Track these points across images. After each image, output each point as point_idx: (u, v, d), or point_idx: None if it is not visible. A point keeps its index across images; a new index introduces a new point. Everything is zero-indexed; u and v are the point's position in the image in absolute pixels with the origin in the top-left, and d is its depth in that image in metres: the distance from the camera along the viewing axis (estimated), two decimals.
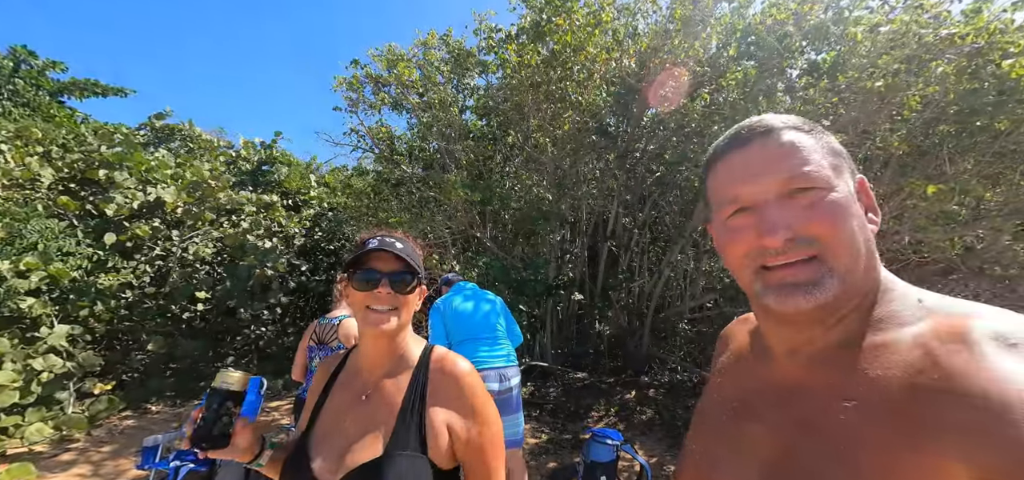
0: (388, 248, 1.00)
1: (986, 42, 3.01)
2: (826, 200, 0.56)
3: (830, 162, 0.58)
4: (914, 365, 0.50)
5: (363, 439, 0.97)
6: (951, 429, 0.45)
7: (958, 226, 3.74)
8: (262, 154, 8.58)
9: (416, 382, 1.04)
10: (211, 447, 0.88)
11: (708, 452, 0.70)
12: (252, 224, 6.98)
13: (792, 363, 0.62)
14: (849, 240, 0.56)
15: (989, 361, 0.45)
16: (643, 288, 7.16)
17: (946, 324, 0.51)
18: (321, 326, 3.00)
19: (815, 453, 0.55)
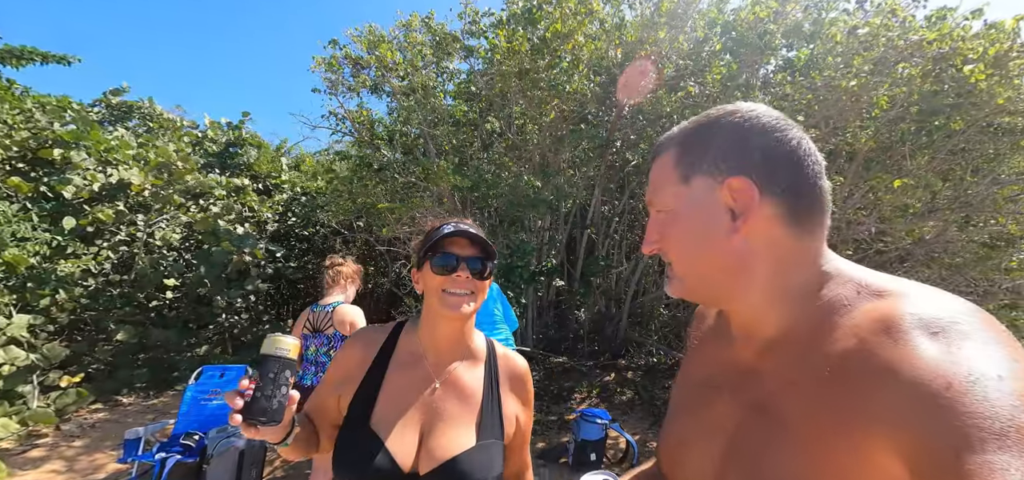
0: (467, 233, 1.00)
1: (949, 48, 3.27)
2: (667, 223, 0.68)
3: (677, 180, 0.66)
4: (849, 353, 0.53)
5: (450, 428, 0.96)
6: (879, 416, 0.47)
7: (915, 218, 4.07)
8: (230, 135, 8.19)
9: (490, 373, 1.06)
10: (269, 422, 0.80)
11: (682, 431, 0.74)
12: (223, 208, 6.70)
13: (748, 346, 0.68)
14: (680, 250, 0.67)
15: (913, 351, 0.47)
16: (621, 274, 7.39)
17: (877, 312, 0.54)
18: (314, 313, 2.96)
19: (764, 432, 0.59)
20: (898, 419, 0.45)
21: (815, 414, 0.53)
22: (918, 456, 0.43)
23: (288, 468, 3.76)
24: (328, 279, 3.06)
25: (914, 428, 0.44)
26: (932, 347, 0.47)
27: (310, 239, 8.97)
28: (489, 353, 1.10)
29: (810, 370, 0.56)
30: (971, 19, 3.51)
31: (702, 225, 0.64)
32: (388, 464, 0.90)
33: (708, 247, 0.64)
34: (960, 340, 0.47)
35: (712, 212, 0.64)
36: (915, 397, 0.44)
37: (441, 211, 5.46)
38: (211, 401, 3.91)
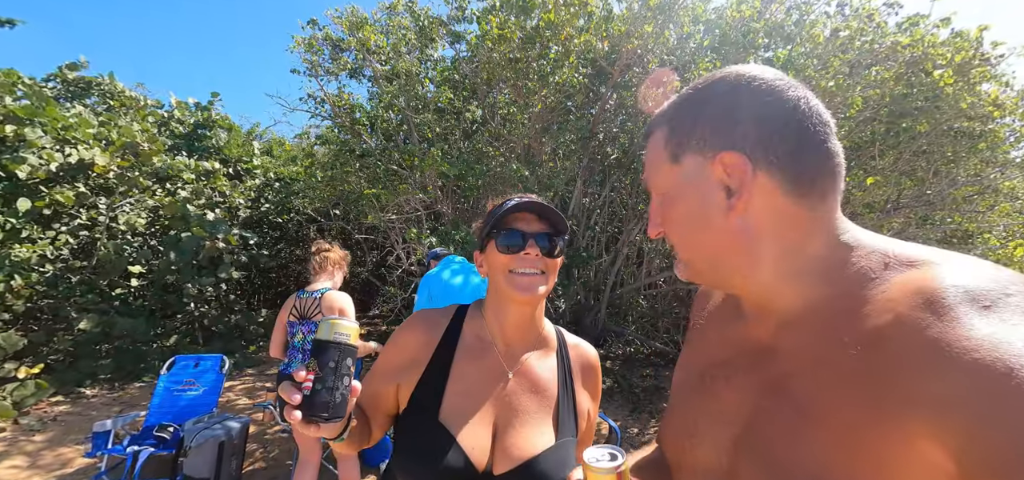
0: (535, 207, 0.91)
1: (920, 53, 3.44)
2: (665, 205, 0.65)
3: (668, 159, 0.63)
4: (884, 329, 0.48)
5: (527, 425, 0.89)
6: (923, 401, 0.42)
7: (883, 214, 4.30)
8: (198, 116, 7.81)
9: (562, 365, 0.98)
10: (333, 418, 0.70)
11: (686, 418, 0.69)
12: (192, 193, 6.41)
13: (762, 324, 0.63)
14: (681, 233, 0.64)
15: (964, 328, 0.42)
16: (601, 266, 7.50)
17: (914, 283, 0.49)
18: (301, 299, 2.89)
19: (784, 415, 0.54)
20: (947, 406, 0.40)
21: (845, 395, 0.48)
22: (970, 450, 0.39)
23: (269, 459, 3.66)
24: (315, 265, 3.00)
25: (967, 418, 0.39)
26: (986, 324, 0.41)
27: (284, 227, 8.71)
28: (560, 341, 1.02)
29: (838, 347, 0.51)
30: (940, 27, 3.72)
31: (698, 206, 0.61)
32: (461, 462, 0.83)
33: (707, 228, 0.61)
34: (1017, 315, 0.42)
35: (706, 191, 0.60)
36: (969, 383, 0.39)
37: (425, 198, 5.40)
38: (186, 391, 3.77)
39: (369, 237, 7.57)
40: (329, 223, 7.79)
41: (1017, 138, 4.67)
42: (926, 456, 0.42)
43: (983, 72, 3.70)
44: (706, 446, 0.64)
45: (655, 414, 5.05)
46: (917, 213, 4.73)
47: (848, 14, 3.87)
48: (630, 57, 4.93)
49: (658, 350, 6.92)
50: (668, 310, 7.31)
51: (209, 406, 3.67)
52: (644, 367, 6.61)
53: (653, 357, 6.99)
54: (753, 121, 0.57)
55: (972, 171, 4.84)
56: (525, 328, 0.97)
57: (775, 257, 0.59)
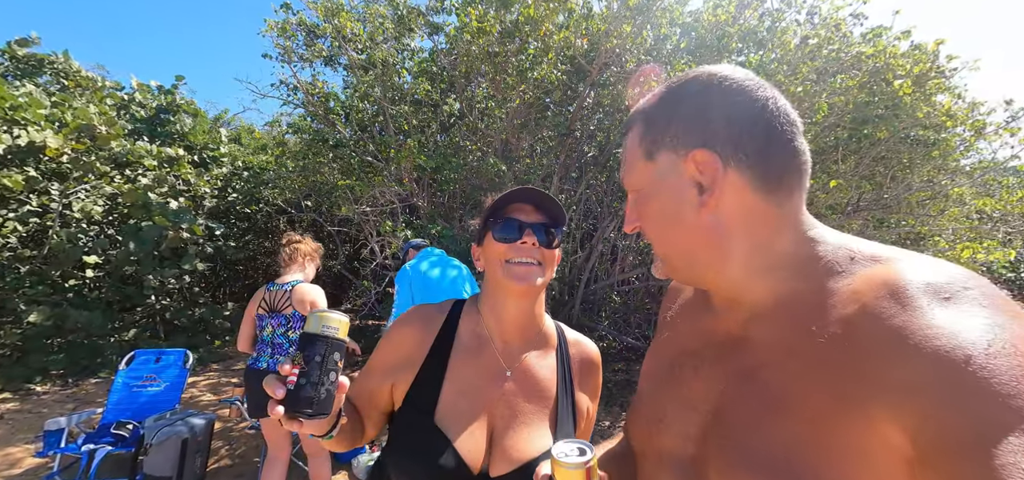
0: (532, 195, 0.90)
1: (883, 64, 3.61)
2: (640, 202, 0.66)
3: (643, 156, 0.64)
4: (850, 319, 0.50)
5: (524, 426, 0.87)
6: (887, 384, 0.44)
7: (844, 216, 4.49)
8: (161, 100, 7.46)
9: (562, 363, 0.96)
10: (317, 414, 0.68)
11: (655, 406, 0.70)
12: (154, 180, 6.12)
13: (733, 316, 0.64)
14: (656, 230, 0.65)
15: (926, 318, 0.44)
16: (576, 262, 7.58)
17: (879, 277, 0.51)
18: (271, 292, 2.80)
19: (753, 402, 0.55)
20: (908, 390, 0.42)
21: (812, 383, 0.50)
22: (927, 432, 0.40)
23: (236, 456, 3.55)
24: (284, 257, 2.91)
25: (926, 402, 0.41)
26: (945, 315, 0.44)
27: (252, 217, 8.44)
28: (560, 338, 1.00)
29: (807, 337, 0.53)
30: (901, 39, 3.91)
31: (672, 203, 0.62)
32: (455, 464, 0.81)
33: (680, 225, 0.62)
34: (974, 307, 0.44)
35: (680, 188, 0.61)
36: (930, 369, 0.41)
37: (401, 190, 5.33)
38: (147, 387, 3.62)
39: (342, 229, 7.42)
40: (300, 214, 7.59)
41: (966, 147, 4.96)
42: (887, 439, 0.43)
43: (938, 84, 3.91)
44: (673, 433, 0.65)
45: (626, 407, 5.15)
46: (875, 215, 4.97)
47: (817, 23, 4.02)
48: (608, 56, 4.97)
49: (630, 345, 7.05)
50: (640, 306, 7.44)
51: (171, 402, 3.53)
52: (616, 361, 6.72)
53: (625, 352, 7.13)
54: (724, 120, 0.59)
55: (925, 177, 5.11)
56: (524, 324, 0.94)
57: (745, 252, 0.60)
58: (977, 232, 5.00)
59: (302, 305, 2.70)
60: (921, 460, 0.41)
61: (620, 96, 5.35)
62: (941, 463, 0.39)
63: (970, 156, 5.27)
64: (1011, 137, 4.26)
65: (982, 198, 5.16)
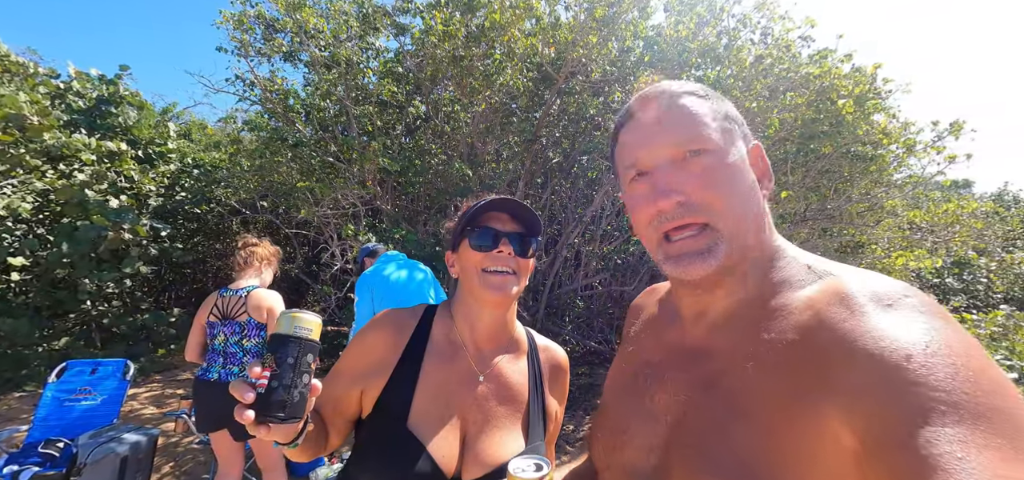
0: (508, 204, 0.90)
1: (828, 83, 3.86)
2: (717, 166, 0.59)
3: (722, 127, 0.61)
4: (806, 327, 0.52)
5: (497, 430, 0.88)
6: (837, 383, 0.46)
7: (793, 226, 4.76)
8: (102, 91, 6.95)
9: (533, 368, 0.98)
10: (289, 419, 0.65)
11: (618, 420, 0.70)
12: (92, 176, 5.69)
13: (698, 327, 0.65)
14: (738, 206, 0.59)
15: (871, 322, 0.47)
16: (540, 267, 7.64)
17: (831, 287, 0.54)
18: (224, 298, 2.66)
19: (715, 409, 0.56)
20: (855, 389, 0.45)
21: (772, 386, 0.52)
22: (871, 426, 0.43)
23: (182, 473, 3.34)
24: (239, 260, 2.76)
25: (872, 398, 0.43)
26: (888, 319, 0.47)
27: (202, 218, 7.99)
28: (530, 344, 1.02)
29: (767, 344, 0.55)
30: (844, 62, 4.20)
31: (746, 173, 0.61)
32: (429, 468, 0.81)
33: (750, 196, 0.60)
34: (914, 313, 0.47)
35: (749, 171, 0.62)
36: (874, 368, 0.44)
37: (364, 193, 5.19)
38: (80, 401, 3.34)
39: (300, 232, 7.15)
40: (255, 216, 7.25)
41: (899, 163, 5.37)
42: (838, 438, 0.45)
43: (875, 104, 4.22)
44: (636, 445, 0.65)
45: (589, 410, 5.22)
46: (820, 225, 5.30)
47: (769, 43, 4.25)
48: (575, 65, 5.06)
49: (593, 349, 7.16)
50: (603, 310, 7.59)
51: (109, 417, 3.27)
52: (580, 365, 6.81)
53: (588, 356, 7.24)
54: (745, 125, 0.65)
55: (863, 190, 5.49)
56: (497, 330, 0.95)
57: (758, 252, 0.62)
58: (909, 241, 5.41)
59: (258, 312, 2.58)
60: (867, 454, 0.43)
61: (585, 105, 5.46)
62: (884, 455, 0.41)
63: (902, 171, 5.72)
64: (937, 155, 4.65)
65: (913, 210, 5.60)
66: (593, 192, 6.46)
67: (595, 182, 6.48)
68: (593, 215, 6.46)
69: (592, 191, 6.60)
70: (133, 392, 4.74)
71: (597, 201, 6.09)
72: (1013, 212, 7.93)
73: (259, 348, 2.62)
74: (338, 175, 5.41)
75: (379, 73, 6.22)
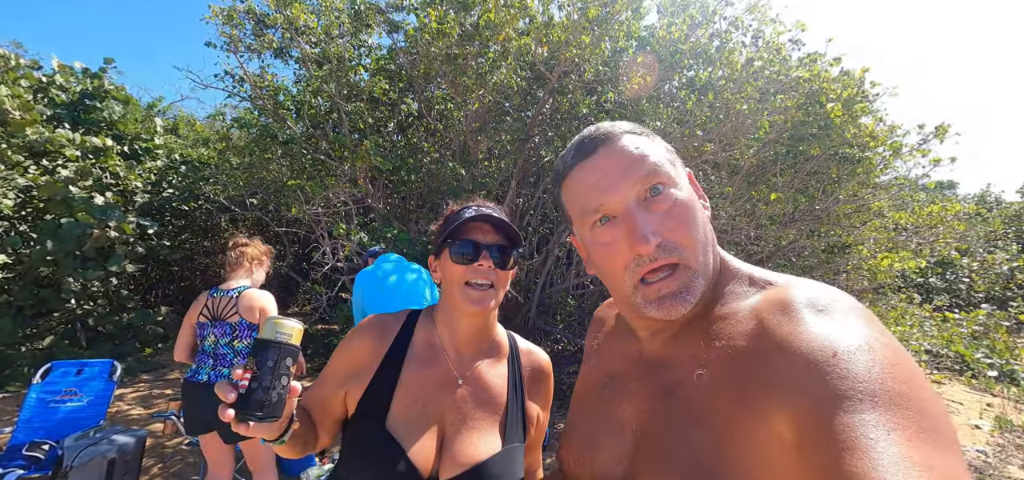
0: (490, 218, 0.92)
1: (818, 87, 3.91)
2: (678, 202, 0.62)
3: (669, 160, 0.66)
4: (750, 332, 0.56)
5: (474, 431, 0.90)
6: (776, 382, 0.50)
7: (781, 226, 4.82)
8: (86, 84, 6.81)
9: (513, 372, 1.00)
10: (267, 418, 0.70)
11: (587, 431, 0.73)
12: (76, 172, 5.58)
13: (654, 341, 0.69)
14: (701, 237, 0.63)
15: (805, 325, 0.52)
16: (532, 266, 7.65)
17: (773, 296, 0.58)
18: (214, 299, 2.63)
19: (674, 416, 0.60)
20: (792, 385, 0.48)
21: (722, 392, 0.56)
22: (803, 417, 0.46)
23: (170, 475, 3.30)
24: (231, 260, 2.73)
25: (804, 392, 0.47)
26: (819, 322, 0.52)
27: (190, 215, 7.88)
28: (512, 348, 1.04)
29: (717, 351, 0.59)
30: (832, 65, 4.26)
31: (698, 208, 0.65)
32: (406, 469, 0.83)
33: (707, 227, 0.65)
34: (842, 316, 0.52)
35: (694, 196, 0.66)
36: (806, 364, 0.48)
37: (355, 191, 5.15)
38: (66, 402, 3.29)
39: (290, 230, 7.09)
40: (244, 213, 7.17)
41: (885, 165, 5.46)
42: (781, 434, 0.48)
43: (863, 107, 4.29)
44: (605, 456, 0.68)
45: None
46: (808, 225, 5.37)
47: (760, 46, 4.29)
48: (568, 64, 5.06)
49: (584, 348, 7.20)
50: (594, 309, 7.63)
51: (95, 419, 3.23)
52: (571, 364, 6.84)
53: (579, 355, 7.27)
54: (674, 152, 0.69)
55: (850, 192, 5.57)
56: (477, 335, 0.98)
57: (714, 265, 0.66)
58: (894, 243, 5.51)
59: (250, 313, 2.55)
60: (801, 444, 0.46)
61: (578, 104, 5.47)
62: (813, 442, 0.45)
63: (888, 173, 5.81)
64: (923, 157, 4.74)
65: (898, 212, 5.70)
66: None
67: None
68: None
69: None
70: (120, 392, 4.67)
71: None
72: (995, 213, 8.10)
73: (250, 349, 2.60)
74: (329, 173, 5.36)
75: (371, 70, 6.17)
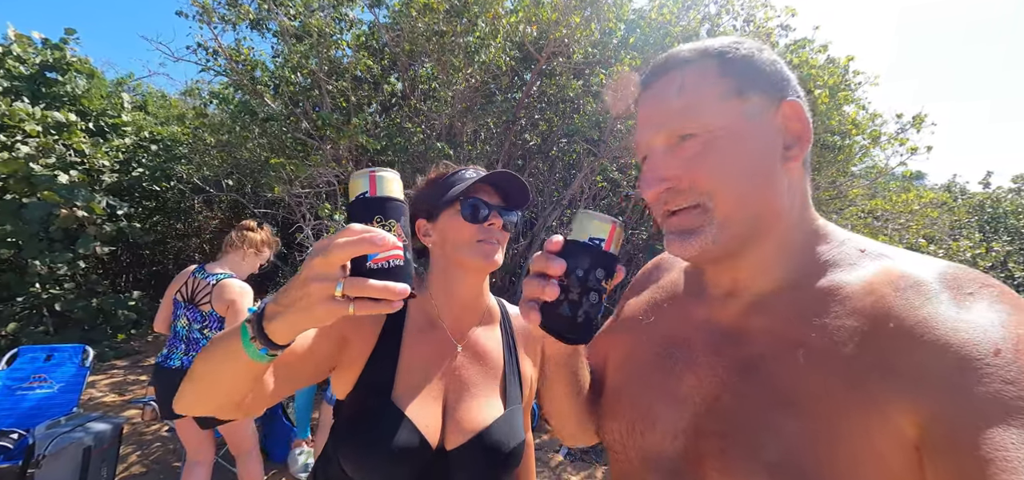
0: (499, 181, 0.94)
1: (806, 73, 3.95)
2: (708, 148, 0.55)
3: (724, 93, 0.55)
4: (866, 310, 0.49)
5: (476, 397, 0.91)
6: (905, 372, 0.43)
7: None
8: (46, 56, 6.40)
9: (506, 334, 1.02)
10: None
11: (642, 400, 0.66)
12: (38, 149, 5.26)
13: (731, 306, 0.61)
14: (739, 184, 0.55)
15: (947, 311, 0.45)
16: (517, 249, 7.63)
17: (896, 270, 0.51)
18: (196, 280, 2.51)
19: (755, 397, 0.53)
20: (928, 379, 0.42)
21: (824, 373, 0.48)
22: (939, 419, 0.40)
23: (149, 462, 3.20)
24: (229, 240, 2.61)
25: (944, 390, 0.41)
26: (966, 309, 0.44)
27: (161, 196, 7.56)
28: (503, 312, 1.06)
29: (816, 329, 0.51)
30: (819, 53, 4.31)
31: (758, 150, 0.55)
32: (415, 441, 0.82)
33: (759, 178, 0.55)
34: (998, 303, 0.44)
35: (769, 136, 0.55)
36: (955, 358, 0.41)
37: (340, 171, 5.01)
38: (35, 389, 3.13)
39: (269, 211, 6.87)
40: (220, 195, 6.91)
41: (863, 153, 5.59)
42: (900, 431, 0.43)
43: (846, 96, 4.36)
44: (660, 430, 0.61)
45: None
46: None
47: (750, 30, 4.30)
48: (557, 45, 4.99)
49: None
50: None
51: (67, 406, 3.09)
52: None
53: None
54: (794, 84, 0.58)
55: (830, 179, 5.70)
56: (473, 300, 0.99)
57: (785, 228, 0.57)
58: (870, 230, 5.67)
59: (220, 304, 2.43)
60: (930, 449, 0.41)
61: (566, 87, 5.41)
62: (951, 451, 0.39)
63: (865, 161, 5.96)
64: (900, 146, 4.86)
65: (873, 199, 5.86)
66: (572, 174, 6.47)
67: (574, 165, 6.47)
68: (571, 197, 6.47)
69: (570, 174, 6.61)
70: (93, 379, 4.49)
71: (576, 183, 6.10)
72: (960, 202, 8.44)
73: None
74: (311, 152, 5.19)
75: (354, 46, 5.97)
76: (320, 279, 0.51)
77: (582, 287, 0.55)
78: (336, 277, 0.51)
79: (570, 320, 0.55)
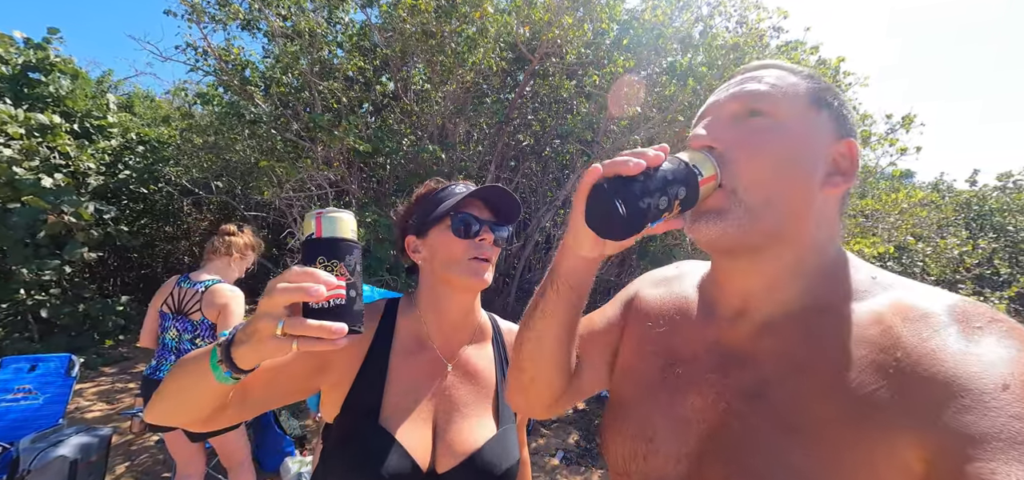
0: (490, 196, 0.93)
1: None
2: (769, 132, 0.57)
3: (806, 98, 0.59)
4: (873, 339, 0.49)
5: (468, 418, 0.89)
6: (911, 404, 0.43)
7: None
8: (28, 56, 6.26)
9: (499, 351, 1.00)
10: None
11: (642, 420, 0.65)
12: (21, 152, 5.15)
13: (740, 327, 0.61)
14: (776, 182, 0.56)
15: (956, 345, 0.44)
16: (511, 251, 7.61)
17: (904, 301, 0.51)
18: (181, 289, 2.46)
19: (761, 424, 0.52)
20: (934, 412, 0.42)
21: (831, 402, 0.48)
22: (947, 454, 0.40)
23: (139, 473, 3.14)
24: (212, 246, 2.55)
25: (954, 424, 0.40)
26: (980, 341, 0.44)
27: (149, 198, 7.44)
28: (494, 328, 1.04)
29: (823, 356, 0.51)
30: (810, 54, 4.32)
31: (808, 158, 0.57)
32: (406, 465, 0.79)
33: (799, 178, 0.56)
34: (1006, 338, 0.44)
35: (820, 153, 0.57)
36: (964, 393, 0.41)
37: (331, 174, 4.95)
38: (19, 402, 3.06)
39: (259, 214, 6.79)
40: (209, 197, 6.81)
41: None
42: (906, 463, 0.43)
43: None
44: (664, 453, 0.60)
45: None
46: None
47: (743, 31, 4.31)
48: (549, 46, 4.97)
49: None
50: None
51: (53, 418, 3.03)
52: None
53: None
54: (856, 131, 0.62)
55: None
56: (464, 318, 0.96)
57: (805, 248, 0.58)
58: (861, 228, 5.72)
59: (211, 310, 2.37)
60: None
61: (559, 87, 5.39)
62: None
63: None
64: (890, 146, 4.90)
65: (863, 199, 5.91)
66: (565, 175, 6.45)
67: (568, 165, 6.46)
68: (564, 198, 6.46)
69: (564, 174, 6.60)
70: (79, 388, 4.41)
71: (569, 184, 6.09)
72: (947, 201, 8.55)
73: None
74: (302, 155, 5.13)
75: (346, 47, 5.91)
76: (265, 318, 0.56)
77: (661, 189, 0.52)
78: (279, 316, 0.55)
79: (631, 203, 0.51)
